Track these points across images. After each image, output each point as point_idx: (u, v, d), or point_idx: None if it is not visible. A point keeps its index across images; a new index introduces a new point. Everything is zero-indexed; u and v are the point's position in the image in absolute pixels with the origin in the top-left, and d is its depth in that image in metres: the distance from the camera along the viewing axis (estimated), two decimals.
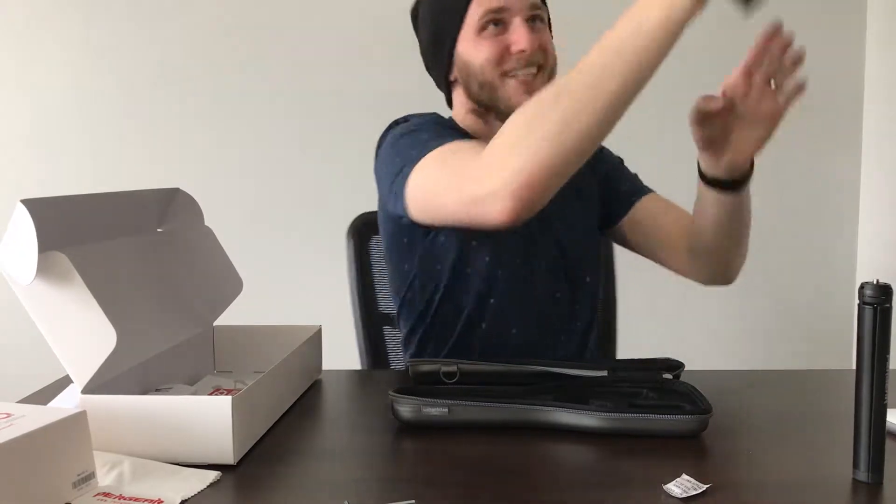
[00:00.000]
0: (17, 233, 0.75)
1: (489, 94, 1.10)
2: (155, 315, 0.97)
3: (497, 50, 1.07)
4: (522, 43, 1.06)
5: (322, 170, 2.11)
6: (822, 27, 2.03)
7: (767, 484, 0.72)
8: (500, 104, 1.10)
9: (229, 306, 1.12)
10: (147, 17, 2.11)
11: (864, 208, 2.08)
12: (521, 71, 1.08)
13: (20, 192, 2.09)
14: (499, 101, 1.10)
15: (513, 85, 1.08)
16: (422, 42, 1.19)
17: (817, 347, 2.09)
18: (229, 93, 2.11)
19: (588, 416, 0.84)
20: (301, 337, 1.04)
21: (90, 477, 0.69)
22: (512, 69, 1.08)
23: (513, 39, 1.07)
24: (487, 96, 1.11)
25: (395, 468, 0.79)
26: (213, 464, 0.76)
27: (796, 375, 1.16)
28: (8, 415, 0.66)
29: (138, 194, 1.00)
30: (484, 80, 1.09)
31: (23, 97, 2.14)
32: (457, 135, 1.07)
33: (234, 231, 1.32)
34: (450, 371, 0.99)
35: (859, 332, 0.70)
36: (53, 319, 0.79)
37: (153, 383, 0.94)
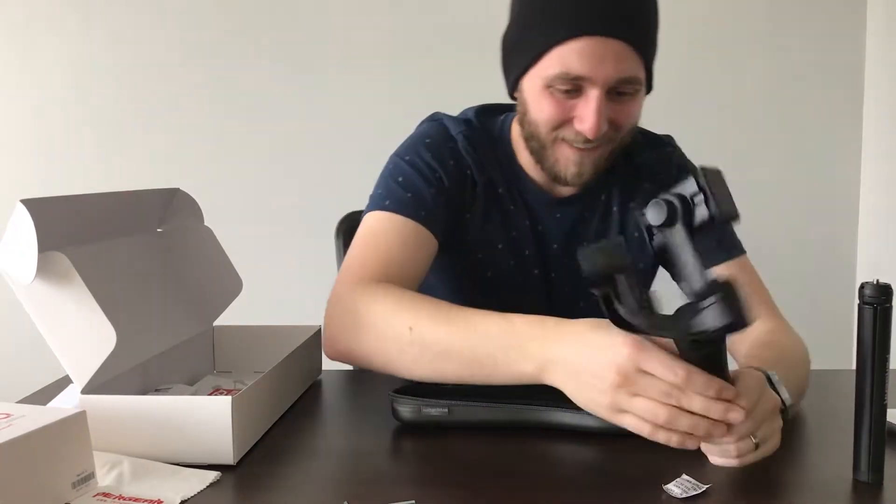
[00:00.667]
0: (17, 233, 0.75)
1: (538, 146, 1.00)
2: (155, 315, 0.97)
3: (559, 116, 0.94)
4: (587, 124, 0.91)
5: (322, 170, 2.11)
6: (822, 26, 2.03)
7: (767, 484, 0.72)
8: (546, 160, 1.00)
9: (229, 306, 1.12)
10: (147, 18, 2.10)
11: (864, 208, 2.08)
12: (578, 143, 0.95)
13: (20, 192, 2.09)
14: (545, 157, 1.00)
15: (564, 150, 0.97)
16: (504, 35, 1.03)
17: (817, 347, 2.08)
18: (229, 93, 2.11)
19: (588, 416, 0.84)
20: (301, 337, 1.04)
21: (90, 477, 0.68)
22: (570, 139, 0.96)
23: (579, 114, 0.92)
24: (537, 147, 1.00)
25: (395, 468, 0.79)
26: (213, 464, 0.76)
27: None
28: (8, 415, 0.66)
29: (138, 194, 1.00)
30: (535, 133, 0.98)
31: (23, 97, 2.14)
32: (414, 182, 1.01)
33: (234, 231, 1.32)
34: None
35: (859, 332, 0.70)
36: (53, 319, 0.79)
37: (153, 383, 0.94)
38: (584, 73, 0.89)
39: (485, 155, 1.07)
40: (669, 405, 0.66)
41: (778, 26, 2.03)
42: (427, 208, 1.01)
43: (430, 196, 1.02)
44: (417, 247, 0.99)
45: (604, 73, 0.89)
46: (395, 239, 0.99)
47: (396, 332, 0.85)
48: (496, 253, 1.08)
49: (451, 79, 2.05)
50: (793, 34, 2.03)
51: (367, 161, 1.48)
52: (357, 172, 2.05)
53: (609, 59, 0.89)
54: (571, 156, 0.97)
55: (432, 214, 1.01)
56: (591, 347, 0.71)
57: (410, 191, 1.02)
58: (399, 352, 0.85)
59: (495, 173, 1.07)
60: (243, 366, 1.11)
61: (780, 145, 2.05)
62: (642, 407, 0.67)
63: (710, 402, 0.65)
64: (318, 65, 2.09)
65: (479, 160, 1.07)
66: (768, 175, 2.06)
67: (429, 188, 1.02)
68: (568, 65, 0.90)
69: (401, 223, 0.99)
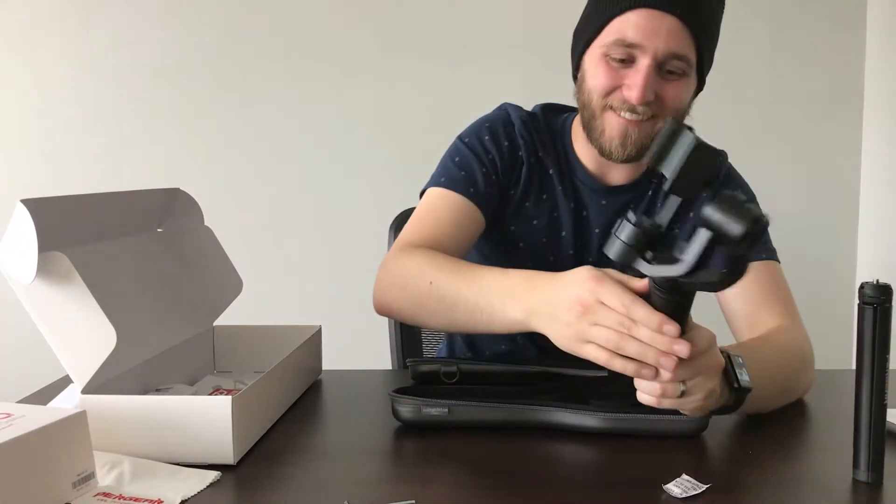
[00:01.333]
0: (17, 233, 0.75)
1: (588, 117, 1.06)
2: (155, 315, 0.97)
3: (611, 83, 1.00)
4: (634, 91, 0.97)
5: (322, 170, 2.11)
6: (822, 27, 2.03)
7: (767, 484, 0.72)
8: (594, 131, 1.05)
9: (229, 306, 1.12)
10: (147, 18, 2.10)
11: (864, 208, 2.08)
12: (625, 112, 1.01)
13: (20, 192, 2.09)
14: (594, 128, 1.05)
15: (611, 119, 1.02)
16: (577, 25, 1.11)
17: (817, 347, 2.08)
18: (229, 93, 2.11)
19: (588, 416, 0.84)
20: (301, 337, 1.04)
21: (90, 477, 0.69)
22: (616, 106, 1.01)
23: (628, 81, 0.99)
24: (588, 118, 1.06)
25: (395, 468, 0.79)
26: (213, 464, 0.76)
27: None
28: (8, 415, 0.66)
29: (138, 194, 1.00)
30: (588, 102, 1.04)
31: (24, 97, 2.14)
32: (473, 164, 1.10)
33: (234, 231, 1.32)
34: (450, 371, 0.99)
35: (859, 332, 0.70)
36: (53, 319, 0.79)
37: (153, 383, 0.94)
38: (637, 41, 0.96)
39: (540, 139, 1.14)
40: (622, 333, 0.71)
41: (778, 26, 2.03)
42: (477, 186, 1.10)
43: (482, 175, 1.10)
44: (464, 219, 1.09)
45: (655, 43, 0.96)
46: (445, 211, 1.08)
47: (420, 287, 0.95)
48: (532, 228, 1.14)
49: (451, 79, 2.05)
50: (793, 34, 2.03)
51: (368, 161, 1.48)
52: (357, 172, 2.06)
53: (662, 32, 0.96)
54: (617, 126, 1.02)
55: (481, 192, 1.10)
56: (562, 286, 0.78)
57: (465, 169, 1.11)
58: (422, 305, 0.95)
59: (548, 157, 1.14)
60: (243, 366, 1.11)
61: (780, 145, 2.05)
62: (599, 335, 0.73)
63: (655, 334, 0.69)
64: (318, 65, 2.09)
65: (532, 142, 1.14)
66: (768, 175, 2.06)
67: (481, 168, 1.10)
68: (624, 32, 0.97)
69: (452, 198, 1.09)
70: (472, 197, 1.09)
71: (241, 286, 1.12)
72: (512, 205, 1.14)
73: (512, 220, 1.14)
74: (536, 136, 1.14)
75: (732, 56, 2.03)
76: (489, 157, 1.12)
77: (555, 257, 1.14)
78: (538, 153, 1.14)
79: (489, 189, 1.11)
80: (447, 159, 1.14)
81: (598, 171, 1.13)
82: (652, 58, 0.97)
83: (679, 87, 1.01)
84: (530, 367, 1.00)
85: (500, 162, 1.12)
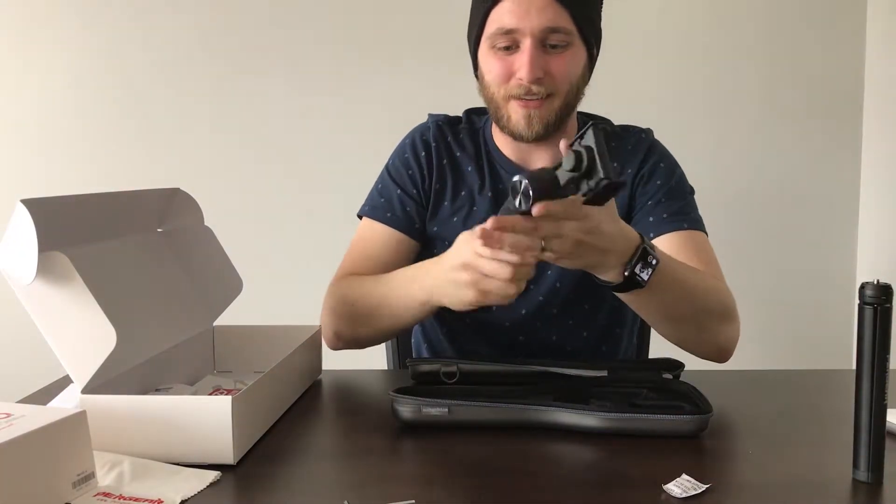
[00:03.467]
0: (17, 233, 0.75)
1: (494, 109, 1.12)
2: (155, 315, 0.97)
3: (503, 71, 1.07)
4: (523, 70, 1.04)
5: (322, 170, 2.11)
6: (822, 27, 2.03)
7: (767, 484, 0.72)
8: (501, 120, 1.11)
9: (229, 306, 1.12)
10: (147, 18, 2.10)
11: (864, 208, 2.08)
12: (523, 96, 1.07)
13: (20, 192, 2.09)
14: (501, 117, 1.11)
15: (514, 106, 1.08)
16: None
17: (817, 347, 2.09)
18: (229, 93, 2.11)
19: (588, 416, 0.84)
20: (301, 337, 1.04)
21: (90, 477, 0.69)
22: (515, 93, 1.07)
23: (517, 65, 1.05)
24: (494, 111, 1.12)
25: (395, 468, 0.79)
26: (213, 464, 0.76)
27: (796, 375, 1.16)
28: (8, 415, 0.66)
29: (138, 194, 1.00)
30: (490, 96, 1.11)
31: (23, 97, 2.13)
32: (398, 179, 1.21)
33: (234, 231, 1.32)
34: (450, 371, 0.99)
35: (859, 332, 0.70)
36: (53, 319, 0.79)
37: (153, 383, 0.94)
38: (513, 26, 1.04)
39: (457, 140, 1.22)
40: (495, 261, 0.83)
41: (778, 26, 2.03)
42: (394, 211, 1.20)
43: (398, 199, 1.20)
44: (390, 243, 1.19)
45: (529, 23, 1.03)
46: (370, 241, 1.20)
47: (348, 308, 1.12)
48: (452, 225, 1.18)
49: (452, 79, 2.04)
50: (793, 34, 2.03)
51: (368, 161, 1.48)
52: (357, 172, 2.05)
53: (533, 11, 1.03)
54: (520, 110, 1.08)
55: (399, 216, 1.19)
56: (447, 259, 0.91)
57: (384, 196, 1.22)
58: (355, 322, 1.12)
59: (465, 155, 1.20)
60: (243, 366, 1.11)
61: (780, 145, 2.05)
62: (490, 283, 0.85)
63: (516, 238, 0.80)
64: (318, 65, 2.09)
65: (447, 144, 1.21)
66: (768, 175, 2.06)
67: (396, 191, 1.20)
68: (501, 20, 1.04)
69: (375, 227, 1.20)
70: (391, 222, 1.19)
71: (241, 286, 1.12)
72: (432, 208, 1.20)
73: (434, 223, 1.20)
74: (453, 137, 1.22)
75: (732, 57, 2.03)
76: (409, 172, 1.20)
77: None
78: (455, 153, 1.21)
79: (408, 209, 1.19)
80: (374, 186, 1.25)
81: (520, 159, 1.18)
82: (530, 37, 1.03)
83: (565, 60, 1.06)
84: (530, 367, 1.00)
85: (420, 174, 1.20)
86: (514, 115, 1.09)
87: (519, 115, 1.08)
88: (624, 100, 1.58)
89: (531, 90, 1.06)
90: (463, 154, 1.20)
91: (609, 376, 0.98)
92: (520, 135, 1.10)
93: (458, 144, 1.21)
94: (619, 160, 1.18)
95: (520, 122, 1.08)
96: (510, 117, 1.09)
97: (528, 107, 1.07)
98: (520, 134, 1.10)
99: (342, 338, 1.15)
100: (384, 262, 1.16)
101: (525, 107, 1.07)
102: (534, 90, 1.06)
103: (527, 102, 1.07)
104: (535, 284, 1.16)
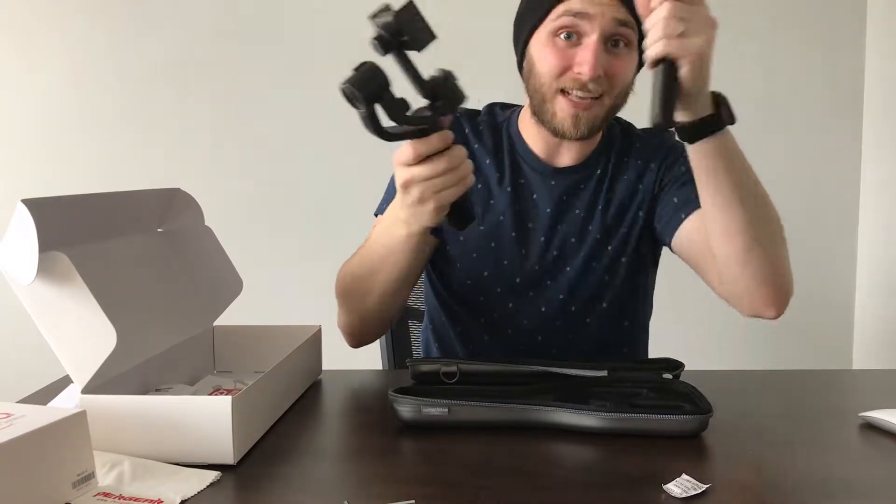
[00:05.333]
0: (17, 233, 0.75)
1: (539, 102, 1.08)
2: (155, 315, 0.97)
3: (560, 63, 1.03)
4: (585, 66, 1.01)
5: (322, 169, 2.11)
6: (822, 27, 2.03)
7: (767, 484, 0.72)
8: (545, 114, 1.08)
9: (229, 306, 1.12)
10: (147, 18, 2.10)
11: (864, 208, 2.08)
12: (576, 91, 1.04)
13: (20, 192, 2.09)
14: (545, 112, 1.08)
15: (562, 102, 1.05)
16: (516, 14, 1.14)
17: (817, 347, 2.09)
18: (229, 93, 2.11)
19: (588, 415, 0.84)
20: (301, 337, 1.04)
21: (90, 477, 0.69)
22: (568, 87, 1.04)
23: (578, 59, 1.02)
24: (538, 103, 1.08)
25: (395, 468, 0.79)
26: (213, 464, 0.76)
27: (796, 375, 1.16)
28: (8, 415, 0.66)
29: (138, 194, 1.00)
30: (539, 87, 1.07)
31: (23, 97, 2.14)
32: None
33: (234, 231, 1.32)
34: (450, 371, 0.99)
35: None
36: (53, 319, 0.79)
37: (153, 383, 0.94)
38: (583, 9, 1.00)
39: (475, 132, 1.19)
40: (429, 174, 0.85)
41: (778, 26, 2.03)
42: None
43: None
44: None
45: (602, 11, 1.00)
46: None
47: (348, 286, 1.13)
48: None
49: None
50: (793, 34, 2.03)
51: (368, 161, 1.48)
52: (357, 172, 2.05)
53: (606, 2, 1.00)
54: (568, 108, 1.05)
55: None
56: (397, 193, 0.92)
57: None
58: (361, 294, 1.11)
59: (483, 148, 1.18)
60: (243, 366, 1.11)
61: (780, 146, 2.05)
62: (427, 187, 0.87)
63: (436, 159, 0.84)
64: (318, 64, 2.09)
65: (464, 136, 1.19)
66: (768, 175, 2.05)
67: None
68: (570, 5, 1.01)
69: None
70: None
71: (241, 286, 1.12)
72: None
73: None
74: (471, 129, 1.19)
75: (732, 57, 2.03)
76: None
77: (496, 243, 1.16)
78: (473, 146, 1.18)
79: None
80: (389, 183, 1.23)
81: (547, 154, 1.16)
82: (599, 29, 1.01)
83: (625, 62, 1.05)
84: (530, 367, 1.00)
85: None
86: (560, 113, 1.06)
87: (566, 113, 1.05)
88: None
89: (587, 87, 1.03)
90: (480, 146, 1.18)
91: (609, 376, 0.98)
92: (563, 133, 1.07)
93: (475, 136, 1.19)
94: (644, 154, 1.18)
95: (566, 120, 1.05)
96: (556, 113, 1.06)
97: (577, 107, 1.04)
98: (564, 132, 1.07)
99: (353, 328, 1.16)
100: None
101: (574, 106, 1.04)
102: (590, 87, 1.03)
103: (577, 102, 1.04)
104: (554, 281, 1.15)
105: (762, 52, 2.03)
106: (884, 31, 1.99)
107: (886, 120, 1.99)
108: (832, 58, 2.04)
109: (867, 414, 0.87)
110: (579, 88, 1.03)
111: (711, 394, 0.89)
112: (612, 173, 1.17)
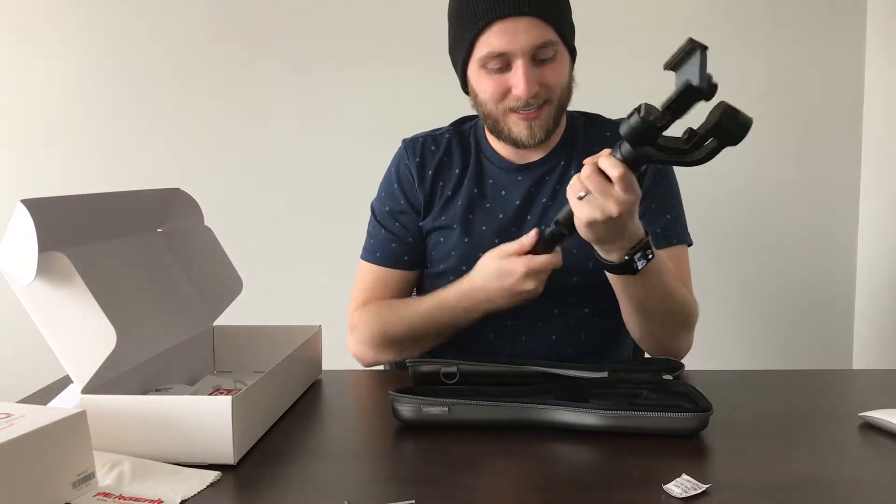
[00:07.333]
0: (17, 233, 0.75)
1: (493, 123, 1.15)
2: (155, 315, 0.97)
3: (498, 89, 1.10)
4: (519, 88, 1.08)
5: (322, 169, 2.11)
6: (822, 28, 2.03)
7: (767, 484, 0.72)
8: (502, 133, 1.15)
9: (229, 306, 1.12)
10: (148, 17, 2.10)
11: (864, 208, 2.08)
12: (522, 109, 1.10)
13: (20, 192, 2.09)
14: (501, 131, 1.15)
15: (513, 118, 1.12)
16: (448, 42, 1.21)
17: (817, 347, 2.08)
18: (230, 92, 2.11)
19: (588, 414, 0.84)
20: (301, 337, 1.04)
21: (90, 477, 0.69)
22: (514, 106, 1.11)
23: (513, 83, 1.09)
24: (492, 125, 1.16)
25: (395, 468, 0.79)
26: (213, 464, 0.76)
27: (796, 375, 1.16)
28: (8, 415, 0.66)
29: (138, 194, 1.00)
30: (489, 112, 1.14)
31: (23, 97, 2.14)
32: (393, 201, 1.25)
33: (234, 231, 1.32)
34: (450, 371, 0.99)
35: None
36: (53, 319, 0.79)
37: (153, 383, 0.94)
38: (504, 49, 1.07)
39: (438, 146, 1.25)
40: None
41: (778, 26, 2.03)
42: (384, 251, 1.25)
43: (384, 236, 1.25)
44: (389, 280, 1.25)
45: (519, 44, 1.06)
46: (369, 279, 1.26)
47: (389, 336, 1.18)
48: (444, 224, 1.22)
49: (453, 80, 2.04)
50: (793, 34, 2.03)
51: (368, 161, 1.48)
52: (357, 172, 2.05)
53: (521, 32, 1.06)
54: (520, 121, 1.12)
55: (389, 255, 1.25)
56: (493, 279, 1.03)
57: (373, 237, 1.27)
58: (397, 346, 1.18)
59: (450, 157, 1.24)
60: (243, 366, 1.11)
61: (780, 146, 2.05)
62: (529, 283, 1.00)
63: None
64: (318, 64, 2.09)
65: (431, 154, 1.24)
66: (768, 175, 2.06)
67: (381, 229, 1.25)
68: (490, 45, 1.07)
69: (372, 268, 1.26)
70: (378, 261, 1.25)
71: (241, 286, 1.12)
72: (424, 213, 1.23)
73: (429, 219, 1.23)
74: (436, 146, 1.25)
75: (732, 56, 2.03)
76: (397, 202, 1.24)
77: (469, 238, 1.20)
78: (443, 159, 1.24)
79: (395, 245, 1.24)
80: (371, 227, 1.29)
81: (515, 155, 1.22)
82: (523, 57, 1.07)
83: (556, 68, 1.10)
84: (530, 367, 1.00)
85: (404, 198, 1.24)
86: (514, 128, 1.13)
87: (520, 126, 1.12)
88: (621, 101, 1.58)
89: (529, 103, 1.09)
90: (448, 158, 1.24)
91: (609, 377, 0.98)
92: (522, 143, 1.14)
93: (444, 151, 1.24)
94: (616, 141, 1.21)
95: (521, 132, 1.12)
96: (511, 129, 1.13)
97: (528, 118, 1.11)
98: (522, 142, 1.14)
99: (381, 361, 1.24)
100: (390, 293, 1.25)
101: (525, 119, 1.11)
102: (531, 102, 1.10)
103: (526, 115, 1.11)
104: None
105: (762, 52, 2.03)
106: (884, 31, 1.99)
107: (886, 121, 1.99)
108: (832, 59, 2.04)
109: (867, 414, 0.87)
110: (523, 106, 1.10)
111: (711, 394, 0.89)
112: (577, 162, 1.19)
